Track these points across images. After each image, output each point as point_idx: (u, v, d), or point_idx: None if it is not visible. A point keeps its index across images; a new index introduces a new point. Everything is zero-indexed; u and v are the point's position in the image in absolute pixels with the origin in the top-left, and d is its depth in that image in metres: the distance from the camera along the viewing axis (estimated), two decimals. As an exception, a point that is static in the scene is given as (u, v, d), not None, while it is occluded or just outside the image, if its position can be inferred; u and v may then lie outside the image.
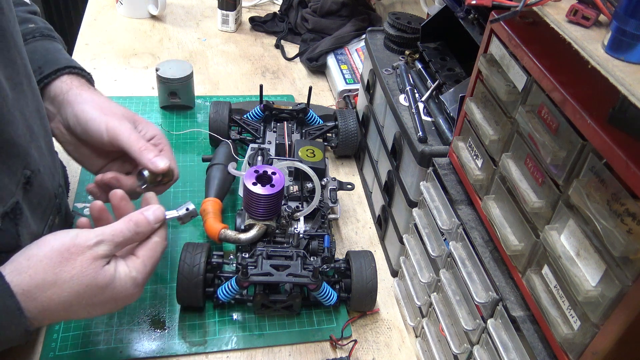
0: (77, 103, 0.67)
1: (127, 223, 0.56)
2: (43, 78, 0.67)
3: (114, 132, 0.65)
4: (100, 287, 0.53)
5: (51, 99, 0.68)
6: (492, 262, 0.54)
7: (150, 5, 1.36)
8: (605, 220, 0.38)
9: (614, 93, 0.38)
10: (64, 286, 0.51)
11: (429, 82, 0.81)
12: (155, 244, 0.59)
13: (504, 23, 0.51)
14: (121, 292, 0.55)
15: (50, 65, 0.68)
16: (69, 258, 0.52)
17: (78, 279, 0.52)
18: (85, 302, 0.53)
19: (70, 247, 0.52)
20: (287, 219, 0.75)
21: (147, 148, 0.66)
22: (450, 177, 0.64)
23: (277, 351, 0.71)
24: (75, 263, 0.52)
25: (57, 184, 0.68)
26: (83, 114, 0.66)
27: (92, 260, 0.53)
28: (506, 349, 0.50)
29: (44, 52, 0.69)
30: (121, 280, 0.55)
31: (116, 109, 0.68)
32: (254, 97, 1.13)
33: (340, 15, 1.31)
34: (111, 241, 0.55)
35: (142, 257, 0.58)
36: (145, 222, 0.58)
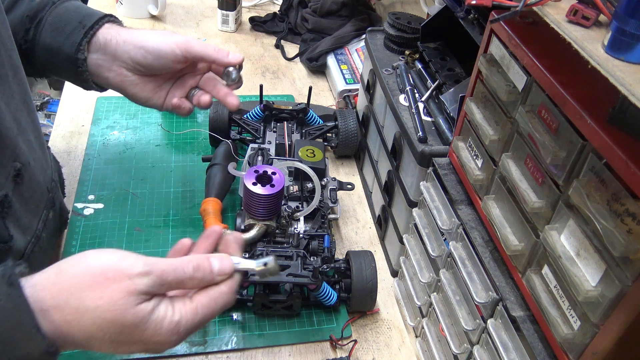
0: (136, 37, 0.69)
1: (185, 263, 0.48)
2: (88, 30, 0.68)
3: (184, 45, 0.68)
4: (127, 326, 0.45)
5: (102, 49, 0.69)
6: (492, 262, 0.54)
7: (150, 5, 1.36)
8: (605, 220, 0.38)
9: (614, 93, 0.38)
10: (85, 315, 0.44)
11: (429, 82, 0.81)
12: (219, 293, 0.49)
13: (504, 23, 0.51)
14: (153, 336, 0.46)
15: (90, 18, 0.69)
16: (102, 283, 0.44)
17: (102, 311, 0.44)
18: (109, 338, 0.45)
19: (107, 271, 0.45)
20: (287, 219, 0.75)
21: (219, 49, 0.70)
22: (450, 177, 0.64)
23: (277, 351, 0.71)
24: (106, 291, 0.44)
25: (49, 178, 0.68)
26: (148, 42, 0.68)
27: (126, 293, 0.44)
28: (506, 349, 0.50)
29: (78, 8, 0.71)
30: (157, 322, 0.46)
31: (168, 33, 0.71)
32: (254, 97, 1.13)
33: (340, 15, 1.31)
34: (159, 277, 0.46)
35: (197, 303, 0.48)
36: (207, 269, 0.49)
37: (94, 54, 0.69)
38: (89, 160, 0.94)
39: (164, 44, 0.68)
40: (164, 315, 0.46)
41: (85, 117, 1.03)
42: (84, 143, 0.97)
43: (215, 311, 0.49)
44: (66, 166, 0.92)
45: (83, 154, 0.95)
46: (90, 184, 0.89)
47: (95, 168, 0.92)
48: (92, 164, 0.93)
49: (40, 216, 0.64)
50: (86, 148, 0.96)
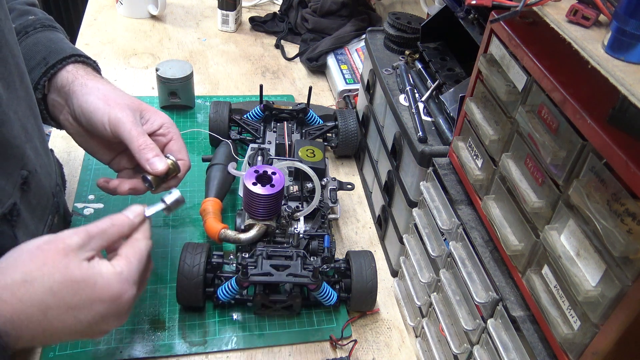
0: (82, 94, 0.64)
1: (105, 219, 0.53)
2: (49, 69, 0.65)
3: (115, 124, 0.62)
4: (76, 281, 0.47)
5: (58, 90, 0.66)
6: (492, 262, 0.54)
7: (150, 5, 1.36)
8: (605, 220, 0.38)
9: (614, 93, 0.38)
10: (34, 284, 0.45)
11: (429, 82, 0.81)
12: (135, 240, 0.54)
13: (504, 23, 0.51)
14: (105, 289, 0.49)
15: (54, 55, 0.66)
16: (40, 255, 0.47)
17: (50, 275, 0.46)
18: (65, 303, 0.47)
19: (42, 245, 0.48)
20: (287, 219, 0.75)
21: (146, 147, 0.62)
22: (450, 177, 0.64)
23: (277, 351, 0.71)
24: (47, 259, 0.47)
25: (54, 182, 0.68)
26: (87, 104, 0.63)
27: (64, 253, 0.47)
28: (506, 349, 0.50)
29: (48, 42, 0.67)
30: (103, 276, 0.49)
31: (121, 99, 0.64)
32: (254, 97, 1.13)
33: (340, 15, 1.31)
34: (85, 232, 0.50)
35: (125, 254, 0.53)
36: (122, 216, 0.54)
37: (52, 94, 0.66)
38: (89, 160, 0.93)
39: (97, 113, 0.63)
40: (106, 269, 0.50)
41: (85, 117, 1.03)
42: (84, 143, 0.97)
43: (143, 256, 0.54)
44: (66, 166, 0.92)
45: (83, 154, 0.95)
46: (90, 184, 0.89)
47: (95, 168, 0.92)
48: (92, 164, 0.93)
49: (46, 222, 0.64)
50: (86, 148, 0.96)
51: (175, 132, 0.67)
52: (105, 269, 0.50)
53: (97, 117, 0.63)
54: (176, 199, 0.60)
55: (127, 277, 0.51)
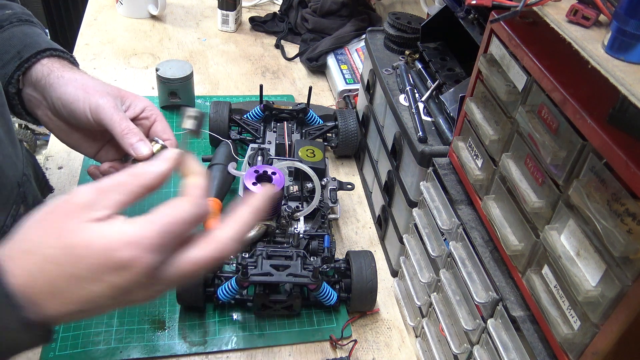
0: (60, 85, 0.61)
1: (124, 170, 0.44)
2: (23, 62, 0.63)
3: (96, 111, 0.59)
4: (71, 246, 0.40)
5: (33, 85, 0.64)
6: (492, 262, 0.54)
7: (150, 5, 1.36)
8: (605, 220, 0.38)
9: (614, 93, 0.38)
10: (34, 252, 0.40)
11: (429, 82, 0.81)
12: (179, 201, 0.43)
13: (504, 23, 0.51)
14: (106, 255, 0.40)
15: (29, 49, 0.63)
16: (47, 219, 0.41)
17: (45, 242, 0.40)
18: (68, 273, 0.40)
19: (48, 210, 0.41)
20: (287, 219, 0.75)
21: (129, 131, 0.59)
22: (450, 177, 0.64)
23: (277, 351, 0.71)
24: (48, 222, 0.41)
25: (20, 172, 0.67)
26: (66, 95, 0.61)
27: (66, 216, 0.40)
28: (506, 349, 0.50)
29: (22, 36, 0.65)
30: (104, 239, 0.40)
31: (100, 87, 0.62)
32: (254, 97, 1.13)
33: (340, 15, 1.31)
34: (95, 188, 0.41)
35: (155, 211, 0.42)
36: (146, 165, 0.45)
37: (27, 88, 0.64)
38: (88, 160, 0.93)
39: (78, 103, 0.60)
40: (113, 228, 0.40)
41: (85, 117, 1.03)
42: (84, 143, 0.97)
43: (183, 220, 0.42)
44: (66, 166, 0.92)
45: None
46: (90, 184, 0.89)
47: (95, 168, 0.92)
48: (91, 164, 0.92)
49: (9, 211, 0.63)
50: (86, 148, 0.96)
51: (158, 113, 0.65)
52: (110, 229, 0.40)
53: (78, 106, 0.60)
54: (195, 115, 0.50)
55: (140, 241, 0.40)
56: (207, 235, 0.44)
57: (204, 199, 0.45)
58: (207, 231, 0.44)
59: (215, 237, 0.44)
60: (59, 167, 0.92)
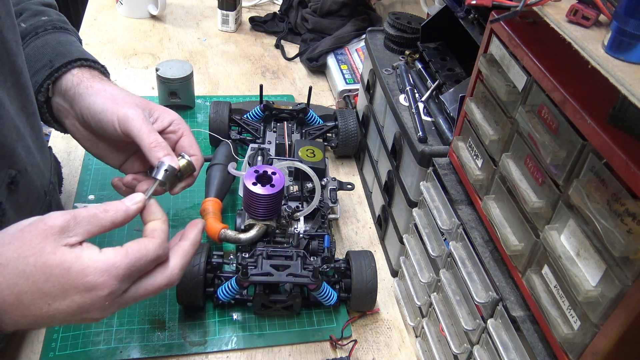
0: (89, 95, 0.61)
1: (98, 205, 0.49)
2: (53, 72, 0.63)
3: (125, 122, 0.59)
4: (49, 266, 0.44)
5: (62, 94, 0.64)
6: (492, 262, 0.54)
7: (150, 5, 1.36)
8: (605, 220, 0.38)
9: (614, 93, 0.38)
10: (9, 267, 0.43)
11: (429, 82, 0.81)
12: (147, 241, 0.50)
13: (504, 23, 0.51)
14: (80, 277, 0.44)
15: (61, 58, 0.64)
16: (20, 237, 0.45)
17: (24, 257, 0.43)
18: (38, 289, 0.44)
19: (25, 227, 0.45)
20: (287, 219, 0.75)
21: (157, 145, 0.58)
22: (450, 177, 0.64)
23: (277, 351, 0.71)
24: (25, 241, 0.44)
25: (47, 181, 0.67)
26: (95, 106, 0.60)
27: (43, 237, 0.44)
28: (506, 349, 0.50)
29: (56, 44, 0.66)
30: (80, 262, 0.45)
31: (129, 99, 0.62)
32: (254, 97, 1.13)
33: (340, 15, 1.31)
34: (72, 215, 0.46)
35: (128, 247, 0.48)
36: (118, 203, 0.50)
37: (57, 97, 0.64)
38: (89, 160, 0.93)
39: (106, 113, 0.60)
40: (88, 255, 0.45)
41: (85, 117, 1.03)
42: (84, 143, 0.97)
43: (148, 256, 0.48)
44: (66, 166, 0.92)
45: (83, 154, 0.95)
46: (90, 184, 0.89)
47: (95, 168, 0.92)
48: (92, 164, 0.93)
49: None
50: (86, 148, 0.96)
51: (186, 127, 0.64)
52: (86, 256, 0.46)
53: (107, 117, 0.60)
54: (164, 170, 0.56)
55: (111, 270, 0.46)
56: (160, 266, 0.51)
57: (166, 242, 0.52)
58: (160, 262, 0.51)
59: (167, 268, 0.51)
60: (59, 167, 0.92)
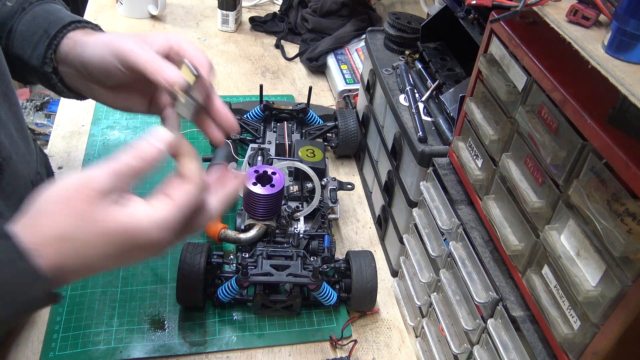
0: (84, 52, 0.60)
1: (131, 152, 0.49)
2: (51, 40, 0.62)
3: (122, 57, 0.57)
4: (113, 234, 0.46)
5: (64, 60, 0.63)
6: (492, 262, 0.54)
7: (150, 5, 1.36)
8: (605, 220, 0.38)
9: (614, 93, 0.38)
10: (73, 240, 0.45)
11: (429, 82, 0.81)
12: (192, 187, 0.50)
13: (504, 23, 0.51)
14: (143, 237, 0.46)
15: (54, 25, 0.63)
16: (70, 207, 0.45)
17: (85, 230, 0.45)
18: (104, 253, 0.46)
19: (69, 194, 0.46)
20: (287, 219, 0.75)
21: (152, 59, 0.55)
22: (450, 177, 0.64)
23: (277, 351, 0.71)
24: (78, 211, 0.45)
25: (34, 171, 0.67)
26: (93, 58, 0.59)
27: (93, 204, 0.45)
28: (506, 349, 0.50)
29: (46, 14, 0.65)
30: (141, 223, 0.46)
31: (119, 37, 0.59)
32: (254, 97, 1.13)
33: (340, 15, 1.31)
34: (112, 174, 0.46)
35: (174, 196, 0.48)
36: (150, 147, 0.50)
37: (62, 66, 0.63)
38: (89, 160, 0.94)
39: (104, 59, 0.58)
40: (144, 213, 0.47)
41: (85, 117, 1.03)
42: (84, 143, 0.97)
43: (195, 204, 0.50)
44: (66, 166, 0.92)
45: (83, 154, 0.95)
46: (90, 184, 0.89)
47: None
48: (92, 164, 0.93)
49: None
50: (86, 148, 0.96)
51: (181, 39, 0.61)
52: (140, 213, 0.47)
53: (107, 62, 0.58)
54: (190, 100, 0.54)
55: (168, 225, 0.47)
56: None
57: (204, 181, 0.52)
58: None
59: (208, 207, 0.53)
60: (59, 167, 0.92)
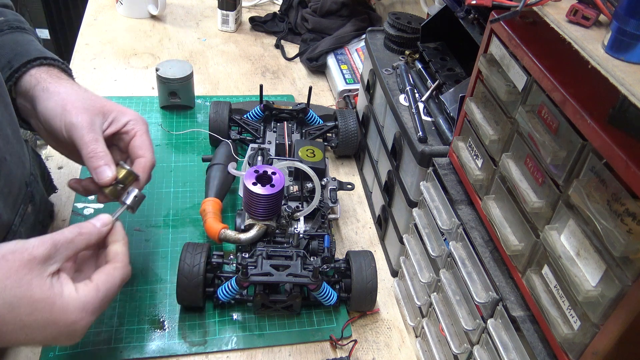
0: (43, 99, 0.61)
1: (72, 228, 0.52)
2: (13, 72, 0.62)
3: (70, 130, 0.59)
4: (36, 300, 0.47)
5: (23, 95, 0.63)
6: (492, 262, 0.54)
7: (150, 5, 1.36)
8: (605, 220, 0.38)
9: (614, 93, 0.38)
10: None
11: (429, 82, 0.81)
12: (113, 269, 0.54)
13: (504, 23, 0.51)
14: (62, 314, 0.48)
15: (19, 58, 0.63)
16: (4, 266, 0.46)
17: (11, 289, 0.46)
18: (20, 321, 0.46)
19: (7, 255, 0.47)
20: (287, 219, 0.75)
21: (95, 155, 0.59)
22: (450, 177, 0.64)
23: (277, 351, 0.71)
24: (11, 271, 0.46)
25: (27, 172, 0.67)
26: (46, 111, 0.60)
27: (29, 267, 0.47)
28: (506, 349, 0.50)
29: (13, 45, 0.65)
30: (63, 300, 0.48)
31: (80, 102, 0.61)
32: (254, 97, 1.13)
33: (340, 15, 1.31)
34: (52, 243, 0.49)
35: (96, 281, 0.52)
36: (90, 225, 0.54)
37: (20, 98, 0.64)
38: (89, 160, 0.93)
39: (55, 120, 0.60)
40: (68, 292, 0.49)
41: (85, 117, 1.03)
42: (84, 143, 0.97)
43: (115, 284, 0.53)
44: (66, 166, 0.92)
45: (83, 154, 0.95)
46: (90, 184, 0.89)
47: (95, 168, 0.92)
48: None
49: (18, 211, 0.63)
50: (86, 148, 0.96)
51: (140, 128, 0.64)
52: (67, 292, 0.49)
53: (55, 123, 0.60)
54: (134, 196, 0.61)
55: (87, 307, 0.50)
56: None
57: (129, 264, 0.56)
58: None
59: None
60: (59, 167, 0.92)
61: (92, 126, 0.60)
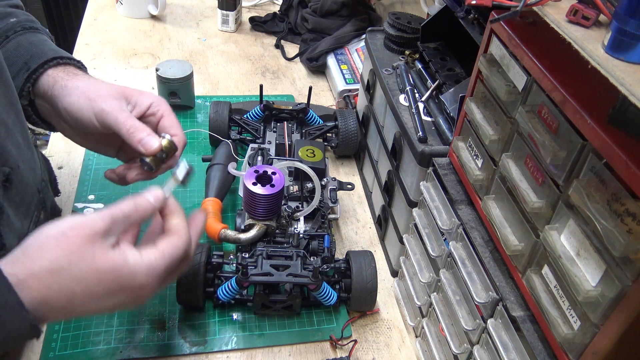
0: (63, 96, 0.62)
1: (128, 203, 0.52)
2: (31, 74, 0.63)
3: (102, 117, 0.60)
4: (102, 271, 0.48)
5: (42, 96, 0.64)
6: (492, 262, 0.54)
7: (150, 5, 1.36)
8: (605, 220, 0.38)
9: (614, 93, 0.38)
10: (61, 274, 0.46)
11: (429, 82, 0.81)
12: (177, 239, 0.53)
13: (504, 23, 0.51)
14: (129, 280, 0.49)
15: (36, 59, 0.64)
16: (66, 242, 0.47)
17: (77, 264, 0.47)
18: (90, 291, 0.48)
19: (67, 231, 0.47)
20: (287, 219, 0.75)
21: (135, 129, 0.60)
22: (450, 177, 0.64)
23: (277, 351, 0.71)
24: (73, 247, 0.47)
25: (39, 178, 0.67)
26: (70, 106, 0.61)
27: (91, 241, 0.47)
28: (506, 349, 0.50)
29: (29, 45, 0.65)
30: (129, 266, 0.49)
31: (103, 91, 0.62)
32: (254, 97, 1.13)
33: (340, 15, 1.31)
34: (110, 216, 0.49)
35: (161, 247, 0.52)
36: (145, 201, 0.53)
37: (39, 99, 0.64)
38: (88, 160, 0.93)
39: (82, 111, 0.61)
40: (133, 258, 0.49)
41: (85, 117, 1.03)
42: (84, 143, 0.97)
43: (179, 254, 0.53)
44: (66, 166, 0.92)
45: (83, 154, 0.95)
46: (90, 184, 0.89)
47: (95, 168, 0.92)
48: (92, 164, 0.93)
49: (32, 218, 0.64)
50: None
51: (166, 108, 0.65)
52: (132, 258, 0.49)
53: (84, 115, 0.61)
54: (186, 170, 0.60)
55: (154, 272, 0.50)
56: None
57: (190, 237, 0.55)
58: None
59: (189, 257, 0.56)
60: (59, 167, 0.92)
61: (122, 108, 0.61)
